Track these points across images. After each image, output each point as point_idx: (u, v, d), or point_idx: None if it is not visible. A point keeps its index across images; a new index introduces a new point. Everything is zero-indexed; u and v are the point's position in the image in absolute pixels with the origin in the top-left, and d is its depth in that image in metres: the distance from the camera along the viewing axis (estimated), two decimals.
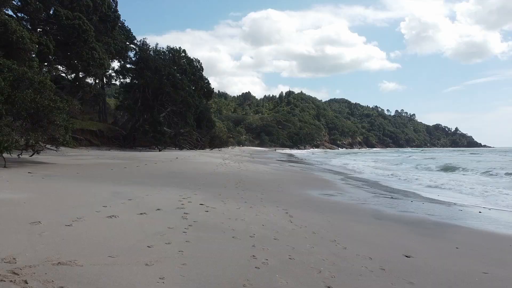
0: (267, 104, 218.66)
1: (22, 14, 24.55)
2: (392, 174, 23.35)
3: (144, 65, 45.34)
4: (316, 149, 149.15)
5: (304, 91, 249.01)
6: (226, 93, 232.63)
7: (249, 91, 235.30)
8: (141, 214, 6.00)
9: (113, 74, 52.80)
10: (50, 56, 23.72)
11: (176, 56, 50.14)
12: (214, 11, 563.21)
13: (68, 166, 14.61)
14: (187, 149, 51.91)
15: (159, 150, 43.75)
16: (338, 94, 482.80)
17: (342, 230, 6.59)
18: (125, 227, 5.12)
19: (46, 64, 24.06)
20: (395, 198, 13.16)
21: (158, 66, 42.75)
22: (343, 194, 13.00)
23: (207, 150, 55.38)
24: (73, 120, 40.21)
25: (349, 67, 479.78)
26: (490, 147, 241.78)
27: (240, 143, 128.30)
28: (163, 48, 55.26)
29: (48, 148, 24.11)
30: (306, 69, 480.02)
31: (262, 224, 6.19)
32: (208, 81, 54.12)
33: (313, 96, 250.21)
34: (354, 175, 23.08)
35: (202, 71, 52.88)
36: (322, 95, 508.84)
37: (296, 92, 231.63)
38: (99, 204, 6.45)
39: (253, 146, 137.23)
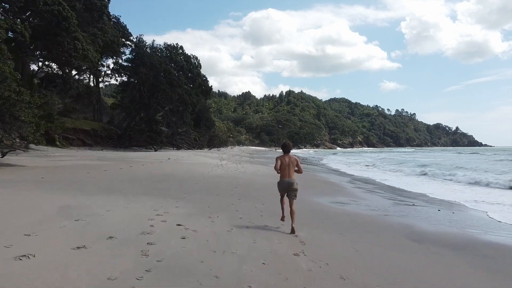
0: (267, 104, 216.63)
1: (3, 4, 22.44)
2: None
3: (139, 61, 43.29)
4: (306, 150, 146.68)
5: (304, 91, 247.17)
6: (226, 93, 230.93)
7: (249, 91, 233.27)
8: (77, 248, 3.91)
9: (109, 72, 51.01)
10: (27, 46, 21.44)
11: (173, 53, 48.04)
12: (214, 11, 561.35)
13: (37, 169, 12.53)
14: (185, 149, 49.89)
15: (155, 150, 41.71)
16: (338, 94, 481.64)
17: (378, 265, 4.52)
18: (33, 278, 3.04)
19: (20, 55, 21.78)
20: (417, 206, 11.13)
21: (154, 62, 40.68)
22: (357, 202, 10.93)
23: (205, 150, 53.36)
24: (63, 119, 38.13)
25: (350, 66, 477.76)
26: (490, 146, 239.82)
27: (240, 143, 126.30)
28: (160, 45, 53.31)
29: (29, 149, 21.96)
30: (307, 68, 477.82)
31: (262, 262, 4.11)
32: (206, 78, 52.03)
33: (313, 95, 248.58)
34: (356, 176, 21.03)
35: (200, 68, 50.75)
36: (323, 95, 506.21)
37: (296, 92, 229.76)
38: (22, 230, 4.36)
39: (253, 145, 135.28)
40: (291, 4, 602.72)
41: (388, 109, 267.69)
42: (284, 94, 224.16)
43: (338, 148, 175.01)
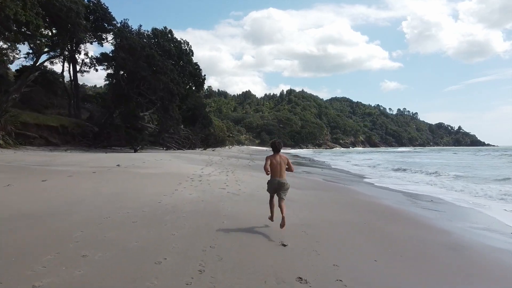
0: (267, 103, 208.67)
1: None
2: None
3: (117, 45, 35.49)
4: (305, 150, 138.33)
5: (305, 90, 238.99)
6: (226, 92, 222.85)
7: (249, 90, 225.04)
8: None
9: (87, 60, 43.25)
10: None
11: (160, 37, 40.07)
12: (215, 10, 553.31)
13: None
14: (175, 149, 41.98)
15: (135, 151, 33.87)
16: (339, 94, 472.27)
17: None
18: None
19: None
20: None
21: (133, 45, 32.78)
22: None
23: (199, 150, 45.48)
24: (15, 112, 30.00)
25: (351, 66, 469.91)
26: (493, 145, 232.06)
27: (239, 143, 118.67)
28: (147, 31, 45.37)
29: None
30: (308, 68, 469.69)
31: None
32: (199, 67, 43.78)
33: (314, 95, 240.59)
34: (408, 192, 13.06)
35: (192, 55, 42.75)
36: (323, 95, 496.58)
37: (297, 91, 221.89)
38: None
39: (253, 145, 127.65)
40: (292, 3, 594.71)
41: (390, 109, 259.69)
42: (285, 93, 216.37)
43: (337, 148, 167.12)
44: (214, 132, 57.76)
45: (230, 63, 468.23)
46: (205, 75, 44.04)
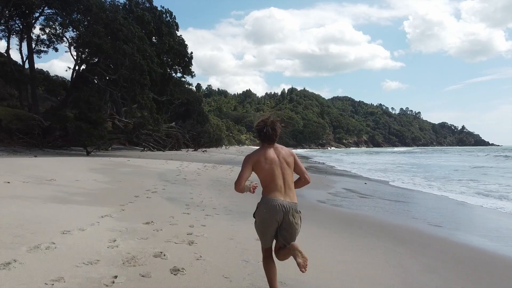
0: (268, 102, 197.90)
1: None
2: None
3: (69, 8, 25.00)
4: (308, 150, 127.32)
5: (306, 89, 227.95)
6: (226, 91, 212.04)
7: (249, 89, 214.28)
8: None
9: (43, 36, 32.70)
10: None
11: (133, 4, 29.46)
12: (216, 10, 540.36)
13: None
14: (153, 149, 31.41)
15: (87, 153, 23.37)
16: (340, 93, 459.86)
17: None
18: None
19: None
20: None
21: (88, 4, 22.22)
22: None
23: (185, 150, 34.93)
24: None
25: (353, 65, 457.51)
26: (497, 145, 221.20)
27: (240, 142, 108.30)
28: (125, 3, 34.81)
29: None
30: (309, 68, 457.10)
31: None
32: (183, 40, 32.65)
33: (316, 93, 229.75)
34: None
35: (177, 29, 32.06)
36: (325, 94, 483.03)
37: (299, 89, 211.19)
38: None
39: (254, 145, 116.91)
40: (293, 2, 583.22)
41: (392, 108, 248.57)
42: (286, 92, 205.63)
43: (338, 148, 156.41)
44: (208, 129, 47.13)
45: (231, 62, 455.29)
46: (191, 52, 33.12)
